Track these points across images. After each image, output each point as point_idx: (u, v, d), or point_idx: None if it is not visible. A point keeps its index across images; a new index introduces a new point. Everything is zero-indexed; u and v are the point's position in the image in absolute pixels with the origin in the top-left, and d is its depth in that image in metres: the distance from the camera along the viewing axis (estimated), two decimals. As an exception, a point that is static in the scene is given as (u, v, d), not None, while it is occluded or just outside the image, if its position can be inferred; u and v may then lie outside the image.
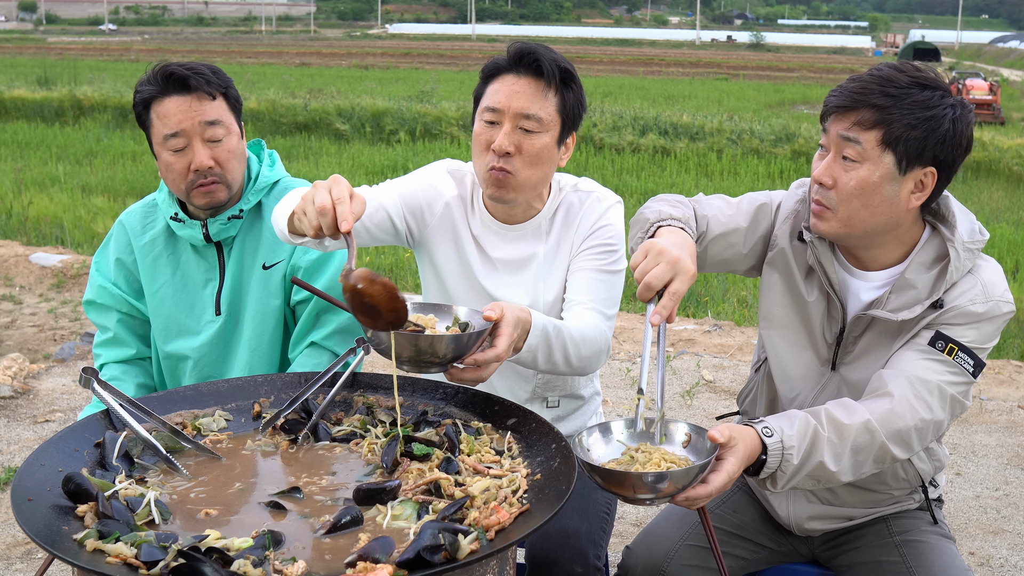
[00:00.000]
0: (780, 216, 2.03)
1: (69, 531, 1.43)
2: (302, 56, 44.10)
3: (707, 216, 2.01)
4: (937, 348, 1.83)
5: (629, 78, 33.69)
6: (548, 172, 2.16)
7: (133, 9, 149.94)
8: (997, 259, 9.39)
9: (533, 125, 2.07)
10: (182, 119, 2.22)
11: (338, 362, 1.99)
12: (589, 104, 17.03)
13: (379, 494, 1.55)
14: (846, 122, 1.79)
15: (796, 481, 1.74)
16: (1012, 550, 3.57)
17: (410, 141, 15.65)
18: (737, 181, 12.75)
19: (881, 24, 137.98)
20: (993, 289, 1.85)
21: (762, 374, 2.16)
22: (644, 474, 1.55)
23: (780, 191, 2.09)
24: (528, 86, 2.08)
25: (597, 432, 1.70)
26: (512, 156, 2.08)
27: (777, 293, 2.03)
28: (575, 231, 2.23)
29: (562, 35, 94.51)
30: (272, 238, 2.37)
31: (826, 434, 1.73)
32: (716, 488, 1.62)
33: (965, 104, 1.81)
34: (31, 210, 9.33)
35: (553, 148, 2.13)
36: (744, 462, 1.66)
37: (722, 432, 1.64)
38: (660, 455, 1.62)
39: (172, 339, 2.40)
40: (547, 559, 2.11)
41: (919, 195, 1.82)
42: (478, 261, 2.25)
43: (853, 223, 1.83)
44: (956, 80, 24.78)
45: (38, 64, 29.25)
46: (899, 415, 1.77)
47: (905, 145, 1.76)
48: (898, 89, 1.76)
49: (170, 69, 2.23)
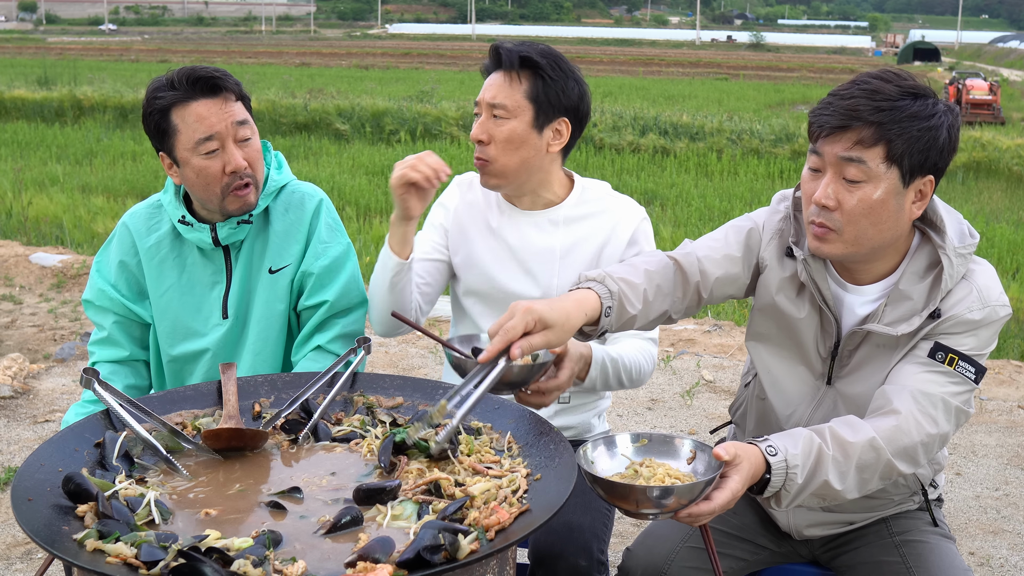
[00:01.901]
0: (765, 237, 2.00)
1: (69, 531, 1.43)
2: (302, 56, 44.11)
3: (699, 259, 1.97)
4: (937, 359, 1.81)
5: (629, 78, 33.70)
6: (530, 157, 2.25)
7: (133, 9, 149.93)
8: (997, 260, 9.32)
9: (501, 112, 2.22)
10: (215, 122, 2.20)
11: (338, 362, 1.99)
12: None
13: (379, 494, 1.55)
14: (845, 142, 1.75)
15: (801, 499, 1.73)
16: (1012, 550, 3.57)
17: (410, 141, 15.65)
18: (737, 181, 12.75)
19: (881, 24, 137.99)
20: (989, 294, 1.83)
21: (752, 390, 2.16)
22: (649, 488, 1.55)
23: (760, 211, 2.06)
24: (498, 78, 2.25)
25: (602, 445, 1.71)
26: (486, 144, 2.25)
27: (768, 311, 2.00)
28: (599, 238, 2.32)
29: (562, 35, 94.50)
30: (279, 242, 2.35)
31: (831, 452, 1.71)
32: (719, 505, 1.61)
33: (953, 108, 1.80)
34: (31, 210, 9.33)
35: (528, 133, 2.23)
36: (748, 481, 1.66)
37: (727, 450, 1.63)
38: (665, 470, 1.62)
39: (179, 342, 2.39)
40: (551, 552, 2.13)
41: (920, 204, 1.81)
42: (494, 251, 2.36)
43: (861, 242, 1.80)
44: (956, 80, 24.76)
45: (38, 64, 29.24)
46: (905, 432, 1.75)
47: (909, 158, 1.74)
48: (890, 102, 1.73)
49: (197, 73, 2.21)
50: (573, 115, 2.27)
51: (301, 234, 2.36)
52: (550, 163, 2.30)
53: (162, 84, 2.23)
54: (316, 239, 2.36)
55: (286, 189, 2.40)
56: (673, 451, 1.71)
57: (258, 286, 2.36)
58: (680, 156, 14.54)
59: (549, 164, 2.30)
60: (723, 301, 2.07)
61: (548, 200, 2.34)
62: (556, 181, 2.34)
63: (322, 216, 2.38)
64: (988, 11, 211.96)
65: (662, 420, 4.72)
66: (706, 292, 1.98)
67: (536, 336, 1.66)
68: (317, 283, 2.34)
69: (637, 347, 2.27)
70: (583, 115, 2.30)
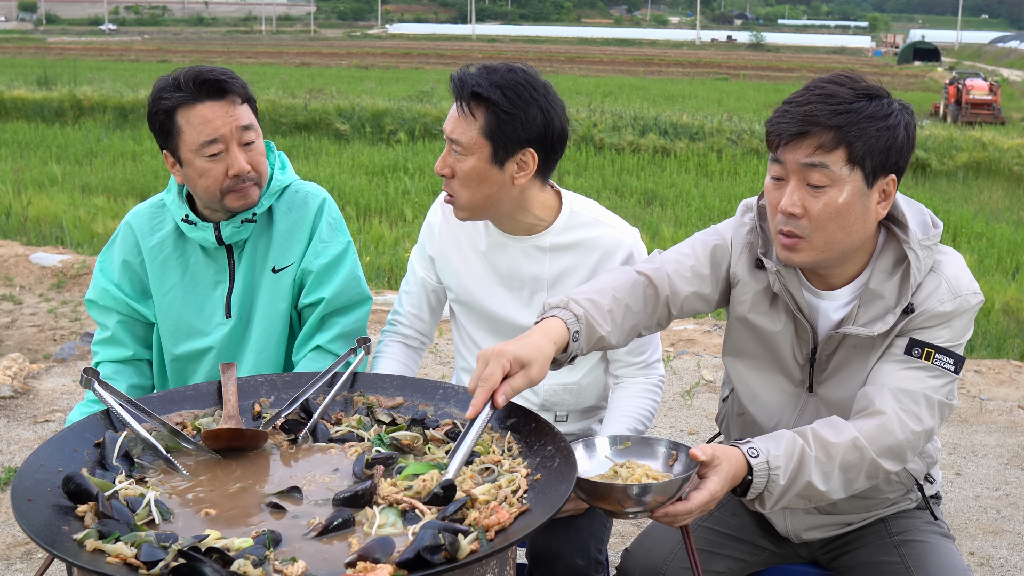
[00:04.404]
0: (735, 253, 1.99)
1: (69, 531, 1.43)
2: (302, 56, 44.10)
3: (668, 274, 1.95)
4: (914, 355, 1.81)
5: (629, 78, 33.70)
6: (493, 192, 2.13)
7: (133, 9, 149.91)
8: (997, 260, 9.29)
9: (459, 148, 2.10)
10: (220, 125, 2.19)
11: (339, 362, 1.99)
12: (589, 104, 16.86)
13: (357, 499, 1.54)
14: (806, 148, 1.75)
15: (786, 501, 1.74)
16: (1012, 550, 3.57)
17: (410, 141, 15.64)
18: (737, 181, 12.74)
19: (881, 24, 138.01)
20: (959, 284, 1.83)
21: (730, 405, 2.16)
22: (629, 486, 1.58)
23: (726, 224, 2.04)
24: (454, 112, 2.12)
25: (582, 447, 1.74)
26: (451, 179, 2.14)
27: (744, 325, 2.00)
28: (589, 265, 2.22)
29: (562, 35, 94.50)
30: (282, 241, 2.36)
31: (813, 453, 1.72)
32: (696, 506, 1.63)
33: (908, 106, 1.81)
34: (31, 210, 9.32)
35: (487, 169, 2.10)
36: (728, 482, 1.67)
37: (704, 451, 1.65)
38: (644, 471, 1.65)
39: (182, 341, 2.39)
40: (549, 552, 2.13)
41: (885, 204, 1.82)
42: (483, 278, 2.30)
43: (831, 247, 1.80)
44: (956, 80, 24.74)
45: (38, 64, 29.24)
46: (889, 431, 1.76)
47: (871, 159, 1.74)
48: (846, 104, 1.74)
49: (204, 75, 2.20)
50: (539, 144, 2.11)
51: (304, 233, 2.36)
52: (521, 192, 2.16)
53: (168, 84, 2.23)
54: (317, 238, 2.37)
55: (289, 189, 2.40)
56: (654, 453, 1.74)
57: (261, 285, 2.36)
58: (680, 156, 14.53)
59: (520, 193, 2.16)
60: (690, 316, 2.06)
61: (531, 225, 2.22)
62: (537, 205, 2.20)
63: (324, 215, 2.39)
64: (988, 11, 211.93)
65: (662, 420, 4.72)
66: (676, 309, 1.96)
67: (516, 378, 1.63)
68: (316, 281, 2.35)
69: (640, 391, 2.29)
70: (553, 140, 2.13)
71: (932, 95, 28.65)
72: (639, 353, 2.30)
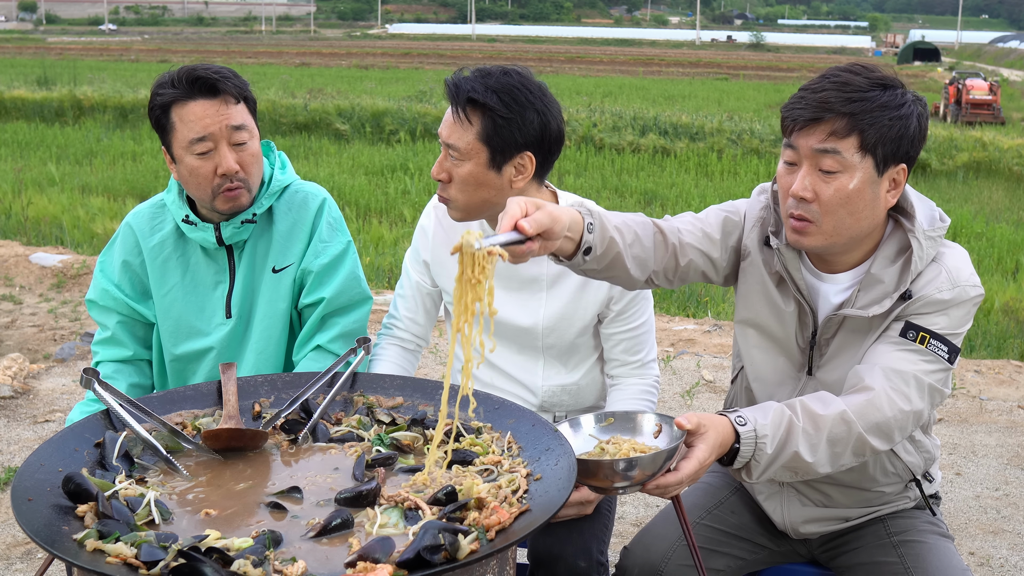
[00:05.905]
0: (748, 225, 2.01)
1: (69, 531, 1.43)
2: (302, 56, 44.10)
3: (679, 228, 1.96)
4: (909, 338, 1.83)
5: (629, 78, 33.71)
6: (491, 195, 2.12)
7: (133, 9, 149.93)
8: (997, 260, 9.30)
9: (455, 153, 2.09)
10: (209, 123, 2.20)
11: (339, 362, 1.99)
12: (589, 104, 16.83)
13: (360, 499, 1.54)
14: (819, 134, 1.77)
15: (772, 472, 1.75)
16: (1012, 550, 3.57)
17: (410, 141, 15.65)
18: (737, 181, 12.74)
19: (881, 24, 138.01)
20: (958, 275, 1.85)
21: (740, 384, 2.17)
22: (616, 461, 1.59)
23: (741, 200, 2.07)
24: (450, 117, 2.11)
25: (567, 426, 1.74)
26: (447, 184, 2.13)
27: (753, 300, 2.02)
28: None
29: (562, 35, 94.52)
30: (282, 241, 2.36)
31: (801, 424, 1.74)
32: (686, 475, 1.64)
33: (920, 98, 1.83)
34: (31, 210, 9.33)
35: (484, 174, 2.09)
36: (716, 449, 1.67)
37: (689, 419, 1.65)
38: (630, 445, 1.65)
39: (182, 341, 2.39)
40: (550, 553, 2.13)
41: (894, 192, 1.84)
42: None
43: (840, 232, 1.83)
44: (956, 80, 24.74)
45: (38, 64, 29.25)
46: (877, 407, 1.77)
47: (883, 147, 1.77)
48: (861, 93, 1.76)
49: (197, 73, 2.21)
50: (536, 148, 2.10)
51: (304, 233, 2.36)
52: (518, 194, 2.14)
53: (165, 81, 2.25)
54: (317, 238, 2.37)
55: (290, 189, 2.41)
56: (638, 427, 1.74)
57: (261, 285, 2.36)
58: (680, 156, 14.54)
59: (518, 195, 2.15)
60: (697, 281, 2.05)
61: None
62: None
63: (324, 215, 2.39)
64: (988, 11, 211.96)
65: (662, 420, 4.72)
66: (683, 259, 1.95)
67: (538, 212, 1.59)
68: (316, 280, 2.35)
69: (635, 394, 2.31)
70: (550, 143, 2.13)
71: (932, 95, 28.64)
72: (635, 352, 2.30)
